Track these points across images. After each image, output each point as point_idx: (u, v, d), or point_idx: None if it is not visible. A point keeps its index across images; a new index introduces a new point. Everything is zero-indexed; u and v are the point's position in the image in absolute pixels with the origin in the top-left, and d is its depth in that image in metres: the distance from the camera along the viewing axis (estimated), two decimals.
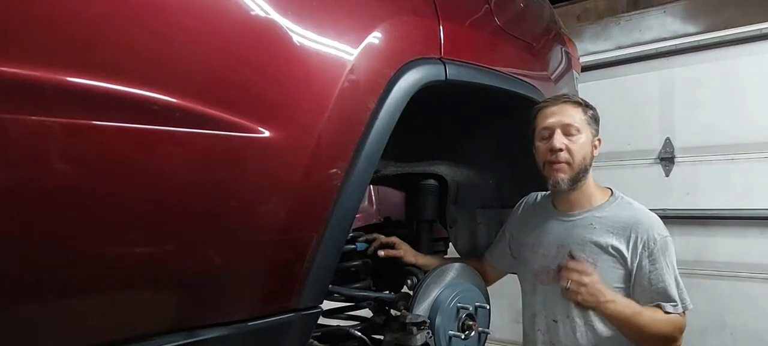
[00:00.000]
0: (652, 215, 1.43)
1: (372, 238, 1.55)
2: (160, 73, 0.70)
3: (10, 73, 0.59)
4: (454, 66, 1.13)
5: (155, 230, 0.73)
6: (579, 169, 1.40)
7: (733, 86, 3.05)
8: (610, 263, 1.39)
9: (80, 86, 0.63)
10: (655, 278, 1.36)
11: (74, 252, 0.67)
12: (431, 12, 1.11)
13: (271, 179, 0.82)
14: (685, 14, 3.30)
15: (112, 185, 0.67)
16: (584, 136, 1.40)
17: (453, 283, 1.44)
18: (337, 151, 0.90)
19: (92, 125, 0.64)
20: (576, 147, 1.39)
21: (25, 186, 0.61)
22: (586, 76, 3.13)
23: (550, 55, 1.71)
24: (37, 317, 0.66)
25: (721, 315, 3.07)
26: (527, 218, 1.60)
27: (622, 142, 3.36)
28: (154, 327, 0.76)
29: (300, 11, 0.85)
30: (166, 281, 0.77)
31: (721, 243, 3.10)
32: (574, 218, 1.47)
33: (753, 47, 3.02)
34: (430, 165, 1.71)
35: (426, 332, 1.33)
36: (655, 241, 1.36)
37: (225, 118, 0.75)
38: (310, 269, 0.89)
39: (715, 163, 3.11)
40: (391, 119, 0.97)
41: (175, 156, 0.72)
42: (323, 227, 0.90)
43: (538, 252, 1.51)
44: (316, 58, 0.86)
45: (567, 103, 1.43)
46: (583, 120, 1.41)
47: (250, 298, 0.86)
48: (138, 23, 0.69)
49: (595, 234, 1.42)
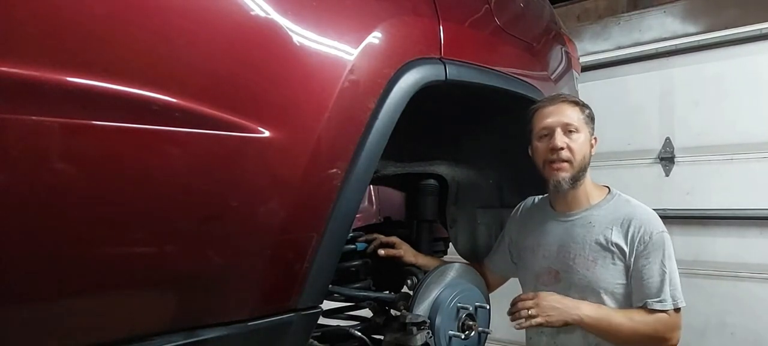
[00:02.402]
0: (649, 210, 1.43)
1: (372, 238, 1.55)
2: (160, 73, 0.70)
3: (10, 73, 0.59)
4: (454, 66, 1.13)
5: (155, 229, 0.73)
6: (579, 168, 1.41)
7: (734, 86, 3.05)
8: (609, 260, 1.40)
9: (80, 86, 0.63)
10: (646, 273, 1.36)
11: (74, 252, 0.66)
12: (431, 12, 1.11)
13: (271, 178, 0.82)
14: (685, 14, 3.29)
15: (112, 185, 0.67)
16: (583, 135, 1.41)
17: (453, 283, 1.44)
18: (337, 151, 0.90)
19: (92, 125, 0.64)
20: (576, 146, 1.39)
21: (25, 186, 0.61)
22: (586, 76, 3.13)
23: (550, 55, 1.71)
24: (38, 317, 0.66)
25: (721, 315, 3.07)
26: (526, 220, 1.60)
27: (622, 142, 3.35)
28: (154, 327, 0.76)
29: (300, 11, 0.85)
30: (166, 281, 0.77)
31: (721, 243, 3.09)
32: (573, 218, 1.47)
33: (753, 47, 3.01)
34: (430, 165, 1.71)
35: (426, 332, 1.33)
36: (650, 235, 1.37)
37: (225, 118, 0.75)
38: (310, 269, 0.89)
39: (715, 163, 3.10)
40: (391, 119, 0.97)
41: (175, 156, 0.72)
42: (323, 227, 0.90)
43: (539, 254, 1.51)
44: (316, 58, 0.86)
45: (564, 103, 1.43)
46: (581, 119, 1.42)
47: (250, 298, 0.86)
48: (138, 23, 0.69)
49: (594, 232, 1.42)
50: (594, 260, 1.40)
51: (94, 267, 0.69)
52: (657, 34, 3.37)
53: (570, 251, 1.44)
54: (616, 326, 1.35)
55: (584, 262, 1.42)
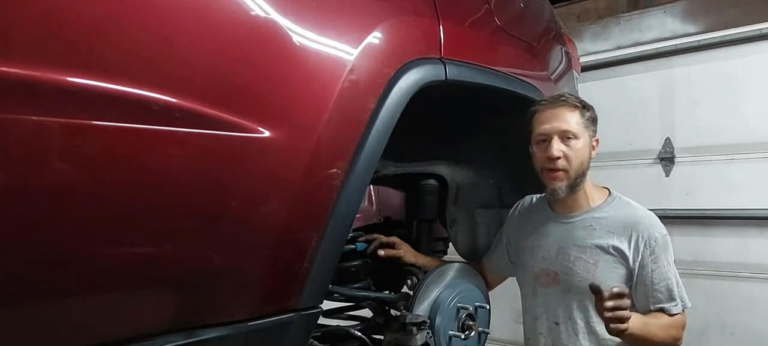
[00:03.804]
0: (650, 213, 1.42)
1: (372, 238, 1.55)
2: (160, 73, 0.70)
3: (10, 73, 0.59)
4: (454, 66, 1.13)
5: (155, 229, 0.73)
6: (576, 176, 1.39)
7: (733, 86, 3.05)
8: (611, 264, 1.38)
9: (80, 86, 0.63)
10: (657, 277, 1.35)
11: (74, 252, 0.67)
12: (431, 12, 1.11)
13: (271, 178, 0.82)
14: (685, 14, 3.29)
15: (113, 185, 0.67)
16: (582, 140, 1.38)
17: (453, 283, 1.44)
18: (337, 151, 0.90)
19: (92, 125, 0.64)
20: (573, 154, 1.36)
21: (25, 186, 0.61)
22: (586, 76, 3.12)
23: (550, 55, 1.71)
24: (38, 317, 0.66)
25: (721, 315, 3.07)
26: (524, 220, 1.59)
27: (622, 142, 3.35)
28: (154, 327, 0.76)
29: (300, 11, 0.85)
30: (166, 281, 0.77)
31: (721, 243, 3.09)
32: (574, 220, 1.46)
33: (753, 47, 3.01)
34: (430, 165, 1.71)
35: (426, 332, 1.34)
36: (656, 239, 1.36)
37: (225, 118, 0.75)
38: (310, 269, 0.90)
39: (715, 163, 3.10)
40: (391, 119, 0.97)
41: (175, 156, 0.72)
42: (323, 227, 0.90)
43: (538, 255, 1.50)
44: (316, 58, 0.86)
45: (564, 107, 1.39)
46: (580, 123, 1.38)
47: (251, 298, 0.86)
48: (138, 24, 0.69)
49: (595, 235, 1.41)
50: (595, 263, 1.39)
51: (94, 267, 0.69)
52: (657, 34, 3.37)
53: (570, 254, 1.43)
54: (652, 335, 1.31)
55: (585, 264, 1.40)
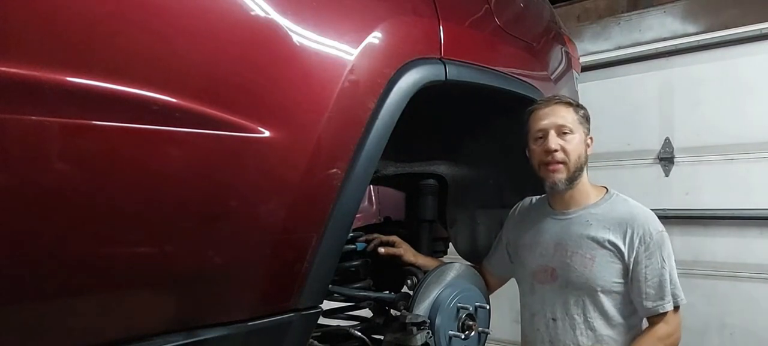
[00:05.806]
0: (647, 210, 1.45)
1: (372, 237, 1.55)
2: (160, 73, 0.70)
3: (10, 73, 0.59)
4: (454, 66, 1.13)
5: (155, 229, 0.73)
6: (575, 169, 1.43)
7: (733, 86, 3.05)
8: (607, 259, 1.40)
9: (80, 86, 0.63)
10: (650, 273, 1.37)
11: (74, 252, 0.66)
12: (431, 12, 1.11)
13: (271, 179, 0.82)
14: (685, 14, 3.30)
15: (112, 185, 0.67)
16: (577, 135, 1.43)
17: (453, 283, 1.44)
18: (337, 151, 0.90)
19: (92, 125, 0.64)
20: (571, 147, 1.41)
21: (25, 186, 0.61)
22: (586, 76, 3.13)
23: (550, 55, 1.71)
24: (38, 317, 0.66)
25: (720, 315, 3.07)
26: (523, 220, 1.61)
27: (621, 142, 3.36)
28: (154, 327, 0.76)
29: (300, 11, 0.85)
30: (166, 281, 0.77)
31: (721, 243, 3.09)
32: (571, 216, 1.48)
33: (753, 47, 3.01)
34: (430, 165, 1.71)
35: (426, 332, 1.33)
36: (651, 235, 1.38)
37: (225, 118, 0.75)
38: (310, 269, 0.89)
39: (715, 163, 3.10)
40: (391, 119, 0.97)
41: (174, 156, 0.72)
42: (323, 227, 0.90)
43: (536, 252, 1.52)
44: (316, 58, 0.86)
45: (558, 104, 1.45)
46: (575, 120, 1.44)
47: (250, 298, 0.85)
48: (138, 23, 0.69)
49: (591, 230, 1.43)
50: (592, 258, 1.41)
51: (94, 267, 0.69)
52: (657, 34, 3.37)
53: (567, 249, 1.45)
54: None
55: (582, 259, 1.42)
